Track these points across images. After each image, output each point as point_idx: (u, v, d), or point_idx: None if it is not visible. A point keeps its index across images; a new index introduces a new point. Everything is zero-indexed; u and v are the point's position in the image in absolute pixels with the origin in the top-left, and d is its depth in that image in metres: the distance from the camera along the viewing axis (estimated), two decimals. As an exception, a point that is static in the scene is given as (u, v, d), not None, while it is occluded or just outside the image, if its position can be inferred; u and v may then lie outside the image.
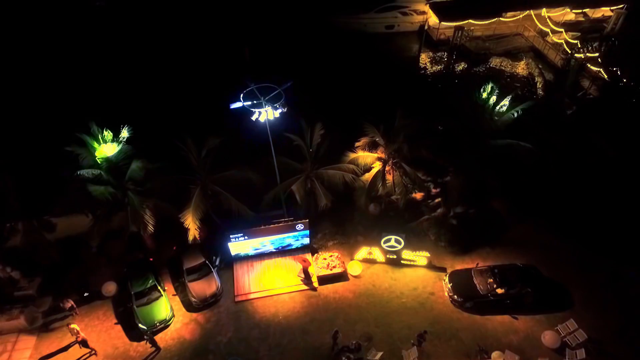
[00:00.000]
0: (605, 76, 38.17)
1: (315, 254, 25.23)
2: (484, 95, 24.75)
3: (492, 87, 24.66)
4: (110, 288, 23.80)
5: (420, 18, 50.54)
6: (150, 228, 21.64)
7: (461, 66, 46.54)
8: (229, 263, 25.23)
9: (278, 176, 24.62)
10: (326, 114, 25.11)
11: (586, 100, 37.54)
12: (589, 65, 39.85)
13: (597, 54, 40.68)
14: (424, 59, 47.96)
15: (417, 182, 25.16)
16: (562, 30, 46.00)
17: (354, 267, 24.80)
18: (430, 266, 24.96)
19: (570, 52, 41.87)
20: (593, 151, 30.93)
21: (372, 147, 24.85)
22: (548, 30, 46.43)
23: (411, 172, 24.60)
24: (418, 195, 29.24)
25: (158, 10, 49.74)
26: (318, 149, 24.33)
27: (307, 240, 25.48)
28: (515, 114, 24.64)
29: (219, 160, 23.63)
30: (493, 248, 25.97)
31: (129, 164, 21.73)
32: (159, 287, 23.08)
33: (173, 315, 22.75)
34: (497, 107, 24.81)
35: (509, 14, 48.14)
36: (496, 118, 24.80)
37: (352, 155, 25.54)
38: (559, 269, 24.42)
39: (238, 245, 24.61)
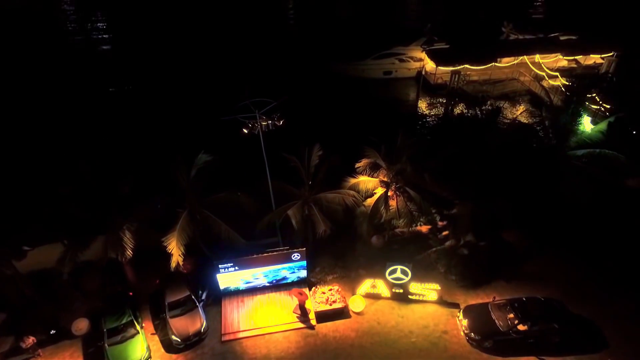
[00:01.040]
0: (607, 113, 37.88)
1: (313, 288, 22.79)
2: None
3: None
4: (81, 325, 21.09)
5: (417, 65, 51.80)
6: (129, 252, 19.53)
7: (460, 109, 46.69)
8: (217, 298, 22.69)
9: (273, 201, 23.00)
10: (325, 139, 23.98)
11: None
12: (588, 104, 39.75)
13: (594, 94, 40.82)
14: (423, 104, 48.35)
15: (423, 209, 23.41)
16: (557, 74, 46.86)
17: (357, 303, 22.24)
18: (441, 301, 22.43)
19: (568, 93, 42.10)
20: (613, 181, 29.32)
21: (373, 168, 23.44)
22: (544, 74, 47.25)
23: (416, 196, 22.97)
24: (424, 229, 27.38)
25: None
26: (316, 171, 22.88)
27: (304, 273, 23.15)
28: None
29: (211, 182, 22.07)
30: (509, 282, 23.58)
31: (114, 183, 20.15)
32: (136, 324, 20.44)
33: (150, 357, 19.87)
34: None
35: (504, 60, 49.40)
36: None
37: (353, 181, 24.04)
38: (587, 303, 21.91)
39: (227, 277, 22.25)
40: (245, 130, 19.22)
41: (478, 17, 67.75)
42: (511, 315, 20.45)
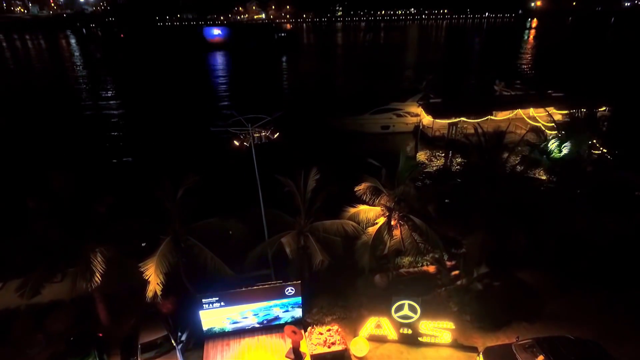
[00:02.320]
0: (609, 156, 37.24)
1: (309, 328, 19.96)
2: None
3: None
4: (35, 373, 18.01)
5: (414, 119, 52.57)
6: (97, 278, 17.15)
7: (459, 160, 46.32)
8: (199, 341, 19.72)
9: (266, 230, 21.13)
10: (323, 165, 22.80)
11: None
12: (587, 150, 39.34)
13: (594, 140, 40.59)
14: (422, 156, 48.11)
15: (430, 238, 21.41)
16: (553, 124, 47.17)
17: (359, 346, 19.29)
18: (457, 344, 19.48)
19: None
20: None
21: (374, 193, 21.85)
22: (540, 125, 47.60)
23: (422, 224, 21.13)
24: (431, 269, 25.09)
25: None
26: (313, 198, 21.30)
27: (299, 312, 20.44)
28: None
29: (199, 207, 20.36)
30: (531, 322, 20.79)
31: (89, 202, 18.42)
32: (101, 369, 17.43)
33: (112, 410, 16.60)
34: None
35: (500, 113, 50.23)
36: None
37: (352, 211, 22.37)
38: (626, 344, 18.96)
39: (212, 315, 19.53)
40: (236, 143, 18.08)
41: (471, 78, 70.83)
42: (541, 358, 17.52)
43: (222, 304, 19.38)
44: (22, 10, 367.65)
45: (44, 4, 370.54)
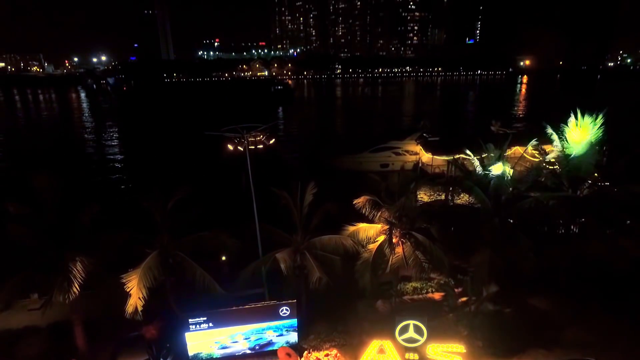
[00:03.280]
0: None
1: (306, 352, 18.14)
2: None
3: None
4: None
5: (413, 157, 52.62)
6: (75, 288, 15.74)
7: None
8: (183, 368, 17.84)
9: (260, 246, 19.98)
10: (321, 181, 22.06)
11: None
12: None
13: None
14: (422, 194, 47.49)
15: (435, 257, 20.15)
16: (554, 160, 47.01)
17: (360, 373, 17.39)
18: (469, 372, 17.59)
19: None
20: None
21: (374, 207, 20.86)
22: (537, 160, 47.43)
23: (425, 240, 20.00)
24: (436, 296, 23.58)
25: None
26: (310, 213, 20.33)
27: (294, 337, 18.74)
28: None
29: (190, 220, 19.32)
30: (550, 349, 18.96)
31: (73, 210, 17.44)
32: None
33: None
34: None
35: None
36: None
37: (351, 229, 21.26)
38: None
39: (199, 338, 17.83)
40: (230, 147, 17.53)
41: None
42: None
43: (211, 324, 17.79)
44: (38, 69, 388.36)
45: (59, 63, 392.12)
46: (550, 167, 36.51)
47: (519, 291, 22.05)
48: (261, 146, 17.84)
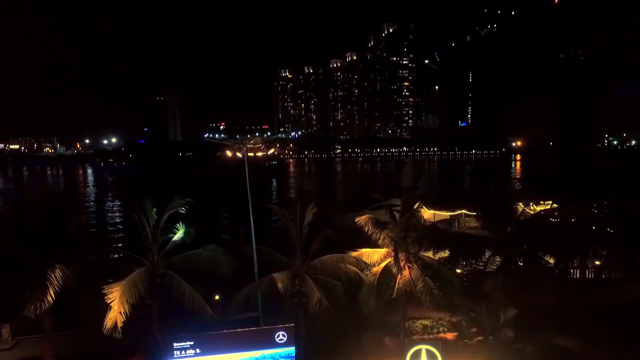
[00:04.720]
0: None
1: (304, 384, 15.83)
2: None
3: None
4: None
5: (414, 215, 51.90)
6: (50, 296, 14.12)
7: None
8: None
9: (256, 267, 18.62)
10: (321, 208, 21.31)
11: None
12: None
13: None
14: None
15: (445, 282, 18.65)
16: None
17: (368, 410, 14.99)
18: (493, 407, 15.18)
19: None
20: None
21: (377, 226, 19.79)
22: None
23: (433, 262, 18.69)
24: (449, 336, 21.46)
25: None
26: (310, 235, 19.28)
27: (291, 368, 16.52)
28: None
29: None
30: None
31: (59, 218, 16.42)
32: None
33: None
34: None
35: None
36: None
37: (354, 254, 20.11)
38: None
39: (184, 368, 15.68)
40: (229, 153, 17.15)
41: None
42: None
43: (198, 350, 15.75)
44: (50, 150, 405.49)
45: (71, 145, 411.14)
46: None
47: (542, 326, 19.97)
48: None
